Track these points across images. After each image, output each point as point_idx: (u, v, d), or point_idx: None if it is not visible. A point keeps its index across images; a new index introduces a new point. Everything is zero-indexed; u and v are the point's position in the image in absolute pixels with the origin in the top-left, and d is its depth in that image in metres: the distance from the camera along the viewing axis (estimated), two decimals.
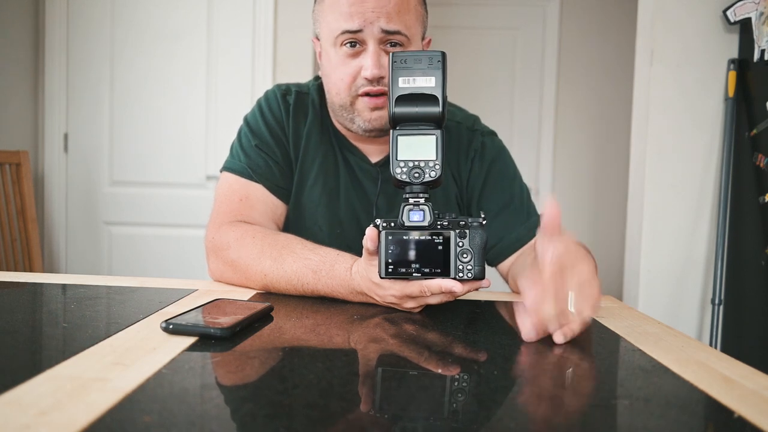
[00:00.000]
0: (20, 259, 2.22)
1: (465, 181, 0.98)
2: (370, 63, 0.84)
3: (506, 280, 0.96)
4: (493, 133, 1.02)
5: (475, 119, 1.03)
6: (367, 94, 0.86)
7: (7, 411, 0.37)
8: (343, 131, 0.97)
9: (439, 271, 0.66)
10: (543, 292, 0.58)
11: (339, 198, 0.97)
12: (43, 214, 2.62)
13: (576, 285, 0.58)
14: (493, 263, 0.95)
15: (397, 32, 0.84)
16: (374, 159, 0.98)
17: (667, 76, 1.93)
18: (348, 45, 0.85)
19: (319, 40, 0.92)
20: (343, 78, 0.87)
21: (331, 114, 0.96)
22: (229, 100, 2.56)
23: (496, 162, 0.98)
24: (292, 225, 0.98)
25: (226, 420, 0.38)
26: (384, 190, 0.96)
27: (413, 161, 0.66)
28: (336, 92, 0.89)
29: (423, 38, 0.93)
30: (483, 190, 0.97)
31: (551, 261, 0.58)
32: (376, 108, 0.87)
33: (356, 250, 0.80)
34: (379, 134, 0.90)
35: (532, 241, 0.92)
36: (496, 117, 3.21)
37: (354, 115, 0.89)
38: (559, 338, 0.59)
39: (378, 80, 0.85)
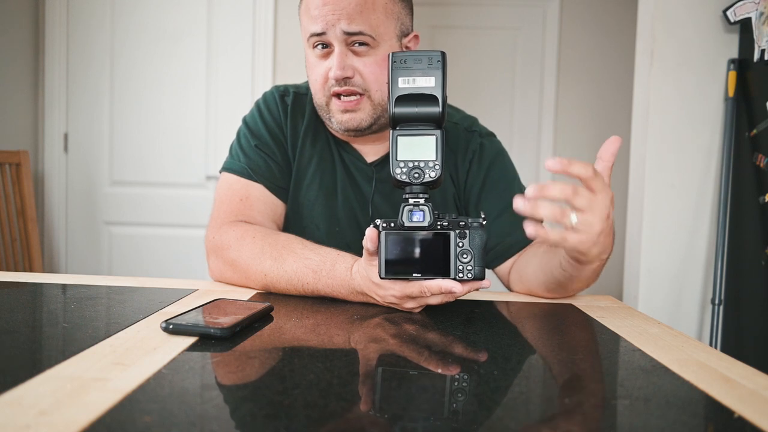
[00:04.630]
0: (20, 259, 2.22)
1: (463, 182, 0.98)
2: (334, 64, 0.86)
3: (504, 282, 0.96)
4: (491, 135, 1.02)
5: (473, 120, 1.03)
6: (337, 95, 0.88)
7: (7, 411, 0.37)
8: (334, 131, 0.97)
9: (440, 271, 0.66)
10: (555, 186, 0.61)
11: (336, 197, 0.97)
12: (43, 214, 2.62)
13: (586, 204, 0.61)
14: (492, 265, 0.95)
15: (360, 33, 0.85)
16: (370, 159, 0.98)
17: (667, 76, 1.93)
18: (319, 47, 0.88)
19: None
20: (317, 79, 0.90)
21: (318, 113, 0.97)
22: (229, 100, 2.56)
23: (495, 164, 0.98)
24: (291, 224, 0.98)
25: (226, 420, 0.38)
26: (379, 190, 0.96)
27: (413, 161, 0.66)
28: (314, 92, 0.92)
29: (406, 35, 0.93)
30: (482, 192, 0.96)
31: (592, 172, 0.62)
32: (346, 110, 0.88)
33: (355, 248, 0.80)
34: (356, 134, 0.91)
35: (533, 243, 0.92)
36: (496, 117, 3.20)
37: (330, 115, 0.91)
38: (530, 230, 0.61)
39: (345, 81, 0.86)
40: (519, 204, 0.61)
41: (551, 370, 0.53)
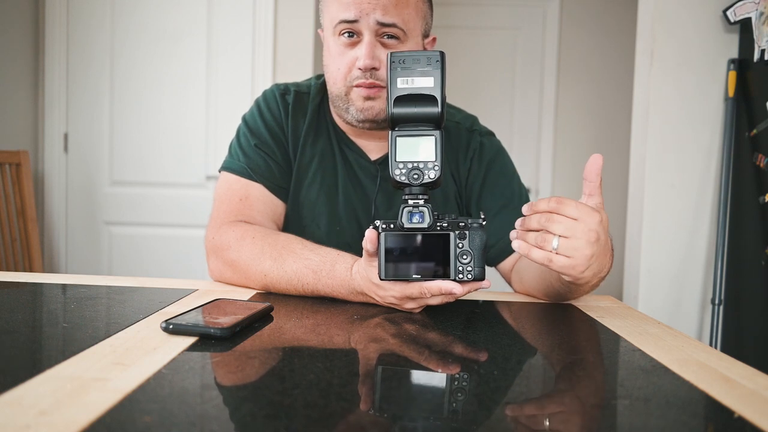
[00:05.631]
0: (20, 259, 2.22)
1: (464, 180, 0.98)
2: (363, 53, 0.85)
3: (506, 280, 0.96)
4: (491, 134, 1.02)
5: (474, 120, 1.03)
6: (360, 86, 0.87)
7: (7, 411, 0.37)
8: (343, 126, 0.97)
9: (439, 272, 0.66)
10: (539, 209, 0.64)
11: (338, 196, 0.97)
12: (43, 214, 2.62)
13: (566, 230, 0.62)
14: (493, 263, 0.95)
15: (393, 25, 0.85)
16: (374, 156, 0.98)
17: (667, 76, 1.93)
18: (346, 35, 0.87)
19: (323, 31, 0.93)
20: (340, 68, 0.89)
21: (331, 106, 0.97)
22: (229, 100, 2.56)
23: (495, 162, 0.98)
24: (291, 224, 0.98)
25: (226, 420, 0.38)
26: (383, 188, 0.96)
27: (412, 162, 0.66)
28: (333, 82, 0.91)
29: (427, 35, 0.94)
30: (482, 189, 0.97)
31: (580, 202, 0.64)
32: (368, 98, 0.88)
33: (356, 247, 0.80)
34: (372, 126, 0.91)
35: None
36: (496, 117, 3.20)
37: (348, 105, 0.90)
38: (514, 244, 0.66)
39: (371, 72, 0.86)
40: (517, 224, 0.67)
41: (551, 370, 0.53)
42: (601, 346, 0.62)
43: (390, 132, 0.67)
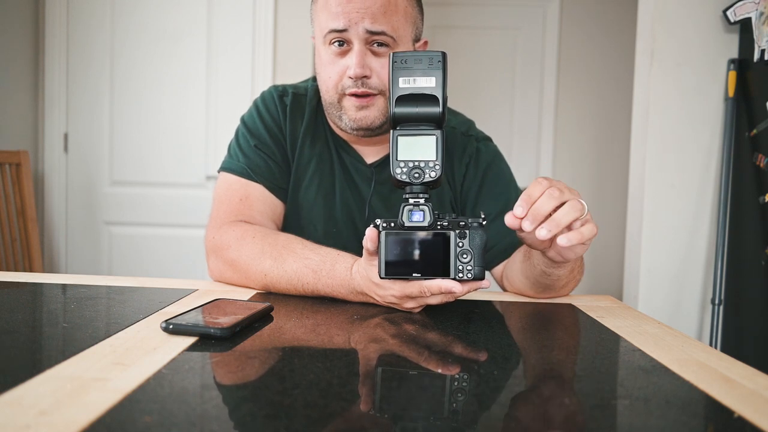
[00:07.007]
0: (20, 259, 2.22)
1: (459, 186, 0.98)
2: (354, 62, 0.85)
3: (499, 284, 0.96)
4: (487, 139, 1.02)
5: (470, 124, 1.03)
6: (353, 95, 0.87)
7: (7, 411, 0.37)
8: (338, 131, 0.97)
9: (439, 271, 0.66)
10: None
11: (335, 198, 0.97)
12: (43, 214, 2.62)
13: (578, 214, 0.65)
14: (488, 267, 0.95)
15: (382, 33, 0.85)
16: (369, 160, 0.98)
17: (667, 75, 1.93)
18: (336, 44, 0.87)
19: (315, 38, 0.93)
20: (331, 76, 0.89)
21: (325, 113, 0.97)
22: (229, 100, 2.56)
23: (492, 167, 0.98)
24: (290, 224, 0.98)
25: (226, 420, 0.38)
26: (378, 191, 0.96)
27: (413, 161, 0.66)
28: (325, 90, 0.91)
29: (418, 40, 0.93)
30: (479, 195, 0.97)
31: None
32: (361, 108, 0.88)
33: (351, 249, 0.80)
34: (366, 134, 0.91)
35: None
36: (496, 117, 3.20)
37: (341, 113, 0.90)
38: (561, 239, 0.63)
39: (362, 81, 0.86)
40: (514, 223, 0.64)
41: (551, 370, 0.53)
42: (601, 346, 0.62)
43: (391, 131, 0.67)
